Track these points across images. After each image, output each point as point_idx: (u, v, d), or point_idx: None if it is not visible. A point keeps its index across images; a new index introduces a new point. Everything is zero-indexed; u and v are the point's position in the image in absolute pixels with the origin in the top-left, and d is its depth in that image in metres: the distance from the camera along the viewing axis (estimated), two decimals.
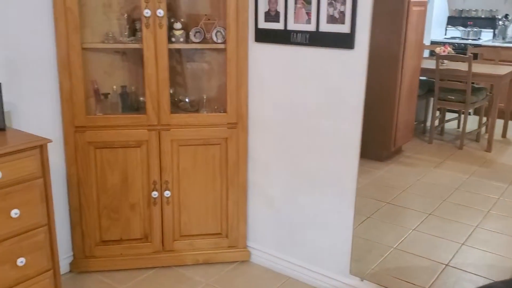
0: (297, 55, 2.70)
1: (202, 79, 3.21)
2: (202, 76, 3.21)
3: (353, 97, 2.55)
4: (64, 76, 2.71)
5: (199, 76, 3.21)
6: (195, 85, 3.21)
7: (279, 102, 2.85)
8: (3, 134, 2.28)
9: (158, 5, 2.68)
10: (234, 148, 2.97)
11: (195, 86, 3.20)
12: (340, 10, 2.49)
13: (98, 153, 2.85)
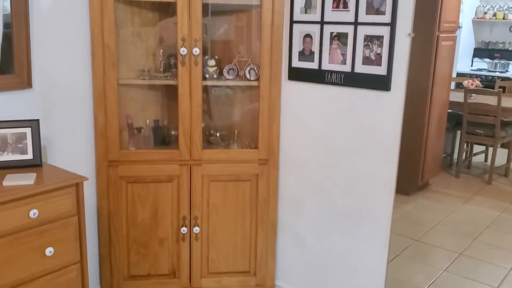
0: (332, 95, 2.69)
1: (233, 114, 3.22)
2: (234, 111, 3.22)
3: (388, 138, 2.52)
4: (99, 110, 2.74)
5: (230, 111, 3.23)
6: (226, 120, 3.22)
7: (311, 140, 2.83)
8: (40, 171, 2.30)
9: (194, 44, 2.71)
10: (265, 184, 2.95)
11: (226, 121, 3.21)
12: (376, 52, 2.48)
13: (130, 187, 2.86)
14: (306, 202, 2.92)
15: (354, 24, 2.53)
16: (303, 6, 2.71)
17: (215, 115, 3.24)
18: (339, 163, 2.73)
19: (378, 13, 2.44)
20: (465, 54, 7.52)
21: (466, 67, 7.55)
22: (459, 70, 7.34)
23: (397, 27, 2.40)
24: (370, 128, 2.58)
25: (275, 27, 2.79)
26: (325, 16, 2.64)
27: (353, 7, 2.52)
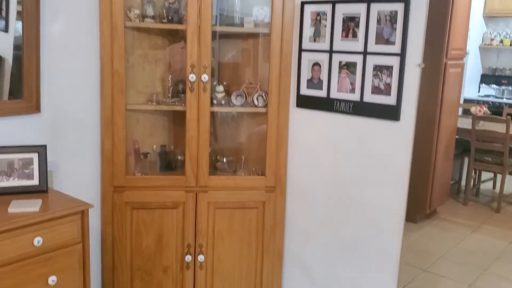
0: (340, 123, 2.68)
1: (241, 140, 3.21)
2: (241, 137, 3.21)
3: (398, 168, 2.49)
4: (106, 136, 2.73)
5: (238, 136, 3.21)
6: (233, 145, 3.20)
7: (320, 168, 2.81)
8: (46, 197, 2.29)
9: (203, 70, 2.71)
10: (271, 212, 2.92)
11: (233, 147, 3.20)
12: (386, 82, 2.47)
13: (135, 213, 2.83)
14: (313, 231, 2.88)
15: (363, 53, 2.53)
16: (312, 35, 2.72)
17: (222, 140, 3.23)
18: (347, 192, 2.70)
19: (388, 43, 2.44)
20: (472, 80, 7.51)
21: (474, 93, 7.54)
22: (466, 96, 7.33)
23: (407, 58, 2.39)
24: (379, 158, 2.55)
25: (284, 55, 2.79)
26: (334, 45, 2.64)
27: (362, 37, 2.52)
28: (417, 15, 2.35)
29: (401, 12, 2.38)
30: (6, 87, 2.38)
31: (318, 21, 2.69)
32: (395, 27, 2.41)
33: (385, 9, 2.43)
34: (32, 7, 2.34)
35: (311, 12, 2.70)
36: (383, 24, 2.45)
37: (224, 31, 2.97)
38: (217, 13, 2.91)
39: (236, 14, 2.97)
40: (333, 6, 2.61)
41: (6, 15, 2.33)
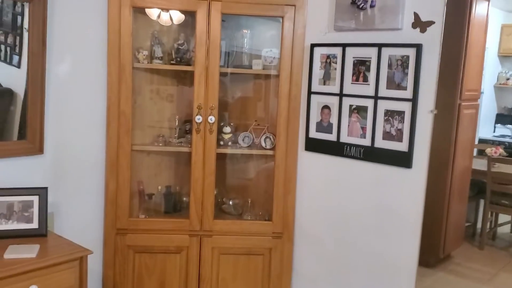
0: (350, 169, 2.59)
1: (247, 182, 3.13)
2: (248, 180, 3.13)
3: (409, 217, 2.39)
4: (111, 177, 2.68)
5: (244, 179, 3.14)
6: (240, 188, 3.13)
7: (328, 214, 2.71)
8: (44, 241, 2.22)
9: (210, 112, 2.67)
10: (278, 259, 2.81)
11: (240, 189, 3.12)
12: (397, 127, 2.40)
13: (137, 257, 2.75)
14: (321, 281, 2.76)
15: (374, 98, 2.47)
16: (322, 78, 2.67)
17: (229, 182, 3.16)
18: (356, 241, 2.59)
19: (399, 88, 2.38)
20: (487, 120, 7.40)
21: (489, 133, 7.41)
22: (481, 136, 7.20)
23: (419, 103, 2.33)
24: (390, 206, 2.45)
25: (293, 97, 2.74)
26: (344, 88, 2.58)
27: (373, 81, 2.46)
28: (430, 60, 2.29)
29: (413, 57, 2.32)
30: (17, 123, 2.36)
31: (328, 63, 2.64)
32: (407, 72, 2.35)
33: (396, 53, 2.38)
34: (38, 48, 2.34)
35: (321, 54, 2.66)
36: (394, 69, 2.39)
37: (231, 72, 2.94)
38: (225, 54, 2.89)
39: (245, 55, 2.95)
40: (343, 49, 2.57)
41: (20, 51, 2.33)
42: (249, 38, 2.96)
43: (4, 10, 2.30)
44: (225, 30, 2.86)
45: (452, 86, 4.50)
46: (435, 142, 4.39)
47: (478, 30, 4.53)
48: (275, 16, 2.74)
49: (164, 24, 2.85)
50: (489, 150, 5.57)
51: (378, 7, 2.42)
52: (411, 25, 2.34)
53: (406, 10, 2.35)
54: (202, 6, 2.61)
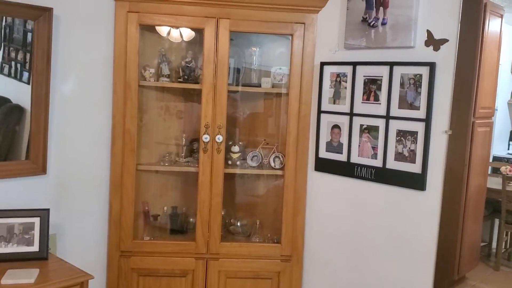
0: (361, 190, 2.51)
1: (256, 203, 3.05)
2: (256, 200, 3.05)
3: (423, 242, 2.29)
4: (115, 198, 2.62)
5: (253, 199, 3.06)
6: (248, 209, 3.05)
7: (339, 237, 2.62)
8: (45, 265, 2.15)
9: (217, 131, 2.61)
10: (287, 284, 2.72)
11: (248, 210, 3.04)
12: (410, 148, 2.31)
13: (141, 280, 2.67)
14: None
15: (386, 117, 2.39)
16: (332, 97, 2.60)
17: (237, 202, 3.08)
18: (368, 266, 2.49)
19: (412, 108, 2.30)
20: (502, 137, 7.26)
21: (503, 150, 7.26)
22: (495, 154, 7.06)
23: (433, 124, 2.25)
24: (403, 230, 2.36)
25: (302, 116, 2.67)
26: (355, 107, 2.51)
27: (385, 100, 2.39)
28: (443, 79, 2.22)
29: (426, 75, 2.25)
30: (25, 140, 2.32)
31: (338, 82, 2.58)
32: (420, 91, 2.27)
33: (409, 72, 2.31)
34: (43, 66, 2.30)
35: (331, 73, 2.60)
36: (406, 88, 2.32)
37: (240, 90, 2.88)
38: (234, 72, 2.83)
39: (254, 72, 2.90)
40: (353, 67, 2.51)
41: (30, 68, 2.30)
42: (258, 56, 2.91)
43: (15, 27, 2.28)
44: (234, 47, 2.81)
45: (466, 104, 4.40)
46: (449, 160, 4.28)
47: (491, 47, 4.45)
48: (284, 34, 2.69)
49: (174, 41, 2.81)
50: (504, 169, 5.44)
51: (390, 25, 2.36)
52: (424, 43, 2.27)
53: (419, 28, 2.28)
54: (210, 24, 2.57)
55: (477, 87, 4.37)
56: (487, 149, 4.88)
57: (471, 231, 4.79)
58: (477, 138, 4.54)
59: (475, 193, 4.74)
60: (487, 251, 5.75)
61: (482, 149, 4.74)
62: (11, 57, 2.29)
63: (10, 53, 2.29)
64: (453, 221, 4.57)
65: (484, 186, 4.94)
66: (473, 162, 4.58)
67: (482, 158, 4.76)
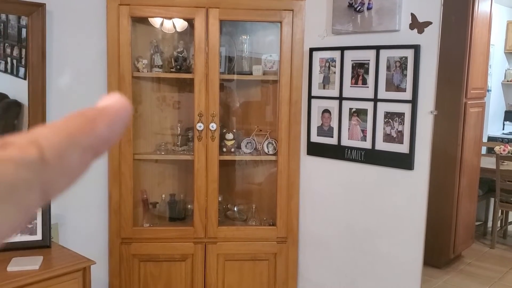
0: (352, 172, 2.58)
1: (251, 188, 3.13)
2: (252, 186, 3.13)
3: (412, 220, 2.37)
4: (114, 187, 2.69)
5: (248, 185, 3.14)
6: (244, 194, 3.13)
7: (332, 218, 2.70)
8: (48, 253, 2.23)
9: (211, 119, 2.68)
10: (283, 264, 2.80)
11: (244, 195, 3.12)
12: (397, 129, 2.38)
13: (143, 266, 2.76)
14: (327, 286, 2.75)
15: (374, 100, 2.46)
16: (321, 82, 2.67)
17: (233, 188, 3.16)
18: (361, 245, 2.58)
19: (398, 90, 2.36)
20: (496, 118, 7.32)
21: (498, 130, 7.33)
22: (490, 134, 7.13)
23: (419, 104, 2.31)
24: (393, 209, 2.44)
25: (293, 102, 2.74)
26: (344, 92, 2.58)
27: (372, 83, 2.45)
28: (428, 61, 2.28)
29: (411, 58, 2.31)
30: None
31: (327, 67, 2.64)
32: (406, 74, 2.34)
33: (394, 55, 2.37)
34: (38, 61, 2.36)
35: (320, 58, 2.66)
36: (393, 71, 2.38)
37: (232, 79, 2.94)
38: (225, 61, 2.89)
39: (245, 60, 2.95)
40: (341, 52, 2.57)
41: (26, 63, 2.36)
42: (249, 44, 2.97)
43: (10, 23, 2.33)
44: (225, 36, 2.86)
45: (457, 85, 4.46)
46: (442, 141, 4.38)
47: (481, 27, 4.50)
48: (273, 21, 2.74)
49: (167, 32, 2.87)
50: (497, 148, 5.52)
51: (375, 9, 2.42)
52: (408, 26, 2.33)
53: (403, 12, 2.34)
54: (200, 14, 2.62)
55: (468, 68, 4.43)
56: (480, 130, 4.95)
57: (466, 210, 4.87)
58: (469, 118, 4.60)
59: (469, 173, 4.81)
60: (482, 230, 5.85)
61: (475, 130, 4.80)
62: (6, 53, 2.35)
63: (6, 49, 2.34)
64: (448, 201, 4.66)
65: (478, 166, 5.02)
66: (466, 143, 4.65)
67: (475, 139, 4.83)
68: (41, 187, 0.27)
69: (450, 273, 4.71)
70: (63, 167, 0.28)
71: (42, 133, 0.28)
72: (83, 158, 0.30)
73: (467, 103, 4.53)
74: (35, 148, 0.27)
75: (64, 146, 0.28)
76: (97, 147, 0.31)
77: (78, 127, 0.30)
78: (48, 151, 0.27)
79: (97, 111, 0.32)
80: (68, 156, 0.28)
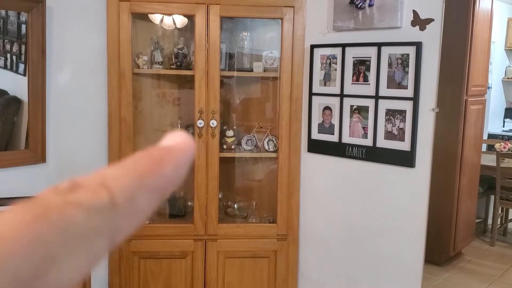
0: (353, 170, 2.57)
1: (252, 185, 3.12)
2: (252, 183, 3.12)
3: (413, 218, 2.36)
4: None
5: (249, 182, 3.13)
6: (244, 191, 3.12)
7: (333, 216, 2.69)
8: None
9: (211, 116, 2.67)
10: (284, 262, 2.80)
11: (244, 192, 3.11)
12: (399, 126, 2.38)
13: (142, 263, 2.75)
14: (328, 284, 2.75)
15: (375, 98, 2.45)
16: (322, 79, 2.65)
17: (234, 185, 3.15)
18: (362, 243, 2.57)
19: (400, 87, 2.35)
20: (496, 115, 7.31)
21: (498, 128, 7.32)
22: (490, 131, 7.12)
23: (420, 102, 2.30)
24: (394, 207, 2.43)
25: (294, 99, 2.73)
26: (345, 89, 2.56)
27: (374, 80, 2.44)
28: (430, 58, 2.27)
29: (413, 55, 2.30)
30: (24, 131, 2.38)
31: (328, 64, 2.63)
32: (407, 71, 2.32)
33: (396, 52, 2.36)
34: (38, 57, 2.35)
35: (321, 55, 2.65)
36: (394, 68, 2.37)
37: (233, 75, 2.93)
38: (226, 58, 2.88)
39: (246, 57, 2.94)
40: (343, 49, 2.55)
41: (25, 59, 2.35)
42: (249, 41, 2.95)
43: (9, 19, 2.32)
44: (225, 32, 2.85)
45: (458, 82, 4.46)
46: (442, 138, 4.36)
47: (482, 24, 4.49)
48: (274, 17, 2.73)
49: (168, 28, 2.85)
50: (498, 145, 5.50)
51: (377, 6, 2.40)
52: (410, 23, 2.32)
53: (405, 8, 2.33)
54: (200, 10, 2.61)
55: (469, 65, 4.42)
56: (481, 127, 4.94)
57: (466, 207, 4.87)
58: (470, 116, 4.59)
59: (469, 170, 4.81)
60: (482, 227, 5.85)
61: (476, 127, 4.80)
62: (6, 50, 2.33)
63: (5, 45, 2.33)
64: (448, 198, 4.66)
65: (478, 163, 5.01)
66: (466, 140, 4.64)
67: (475, 136, 4.83)
68: (110, 232, 0.27)
69: (450, 270, 4.70)
70: (131, 210, 0.28)
71: (111, 174, 0.28)
72: (150, 200, 0.29)
73: (467, 100, 4.52)
74: (106, 191, 0.26)
75: (134, 189, 0.28)
76: (164, 188, 0.30)
77: (146, 168, 0.29)
78: (118, 194, 0.27)
79: (163, 151, 0.32)
80: (137, 198, 0.28)
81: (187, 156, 0.32)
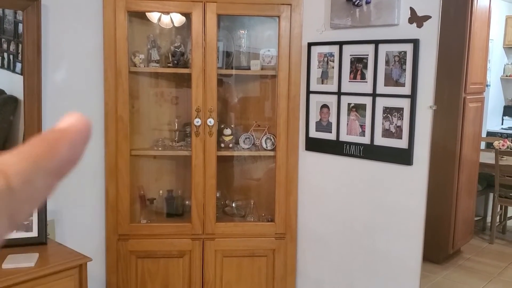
0: (351, 167, 2.57)
1: (250, 184, 3.11)
2: (250, 181, 3.11)
3: (411, 216, 2.35)
4: (110, 183, 2.67)
5: (247, 181, 3.12)
6: (242, 190, 3.11)
7: (331, 214, 2.68)
8: (44, 250, 2.22)
9: (209, 115, 2.65)
10: (282, 261, 2.79)
11: (242, 191, 3.10)
12: (396, 124, 2.37)
13: (140, 262, 2.74)
14: (326, 281, 2.74)
15: (372, 95, 2.44)
16: (320, 77, 2.64)
17: (231, 184, 3.14)
18: (359, 241, 2.56)
19: (397, 85, 2.34)
20: (495, 113, 7.30)
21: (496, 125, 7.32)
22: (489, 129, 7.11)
23: (418, 99, 2.29)
24: (392, 205, 2.42)
25: (292, 97, 2.71)
26: (342, 87, 2.55)
27: (371, 78, 2.43)
28: (427, 55, 2.26)
29: (410, 52, 2.29)
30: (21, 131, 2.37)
31: (325, 62, 2.62)
32: (405, 68, 2.31)
33: (393, 49, 2.34)
34: (33, 56, 2.33)
35: (318, 53, 2.63)
36: (392, 65, 2.36)
37: (230, 74, 2.92)
38: (223, 56, 2.87)
39: (243, 55, 2.93)
40: (340, 47, 2.54)
41: (22, 58, 2.33)
42: (247, 39, 2.94)
43: (6, 18, 2.31)
44: (222, 30, 2.83)
45: (456, 80, 4.44)
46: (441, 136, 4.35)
47: (481, 22, 4.48)
48: (271, 15, 2.72)
49: (165, 27, 2.84)
50: (496, 143, 5.50)
51: (374, 3, 2.39)
52: (407, 20, 2.30)
53: (402, 6, 2.32)
54: (197, 8, 2.60)
55: (467, 63, 4.40)
56: (479, 125, 4.93)
57: (465, 205, 4.86)
58: (468, 113, 4.58)
59: (468, 168, 4.80)
60: (481, 225, 5.84)
61: (474, 125, 4.79)
62: (3, 49, 2.32)
63: (2, 44, 2.32)
64: (447, 196, 4.65)
65: (477, 161, 5.01)
66: (465, 138, 4.63)
67: (474, 133, 4.82)
68: (8, 214, 0.28)
69: (449, 268, 4.70)
70: (29, 193, 0.29)
71: (7, 160, 0.29)
72: (47, 182, 0.31)
73: (466, 98, 4.51)
74: (1, 177, 0.28)
75: (29, 173, 0.29)
76: (61, 169, 0.32)
77: (41, 152, 0.31)
78: (14, 179, 0.28)
79: (58, 134, 0.33)
80: (34, 181, 0.29)
81: (82, 136, 0.34)
